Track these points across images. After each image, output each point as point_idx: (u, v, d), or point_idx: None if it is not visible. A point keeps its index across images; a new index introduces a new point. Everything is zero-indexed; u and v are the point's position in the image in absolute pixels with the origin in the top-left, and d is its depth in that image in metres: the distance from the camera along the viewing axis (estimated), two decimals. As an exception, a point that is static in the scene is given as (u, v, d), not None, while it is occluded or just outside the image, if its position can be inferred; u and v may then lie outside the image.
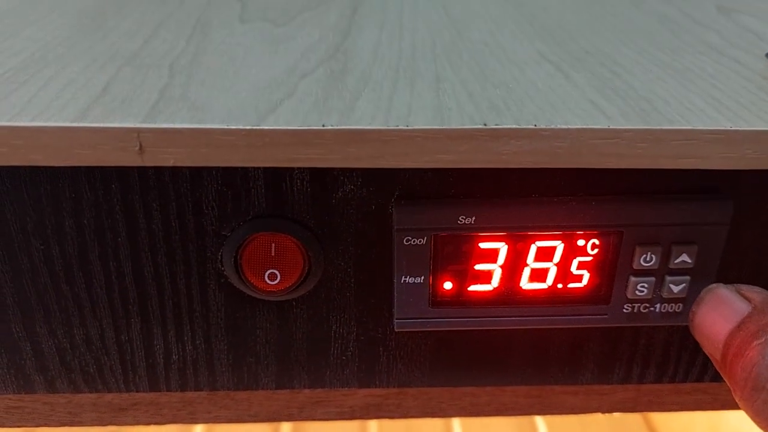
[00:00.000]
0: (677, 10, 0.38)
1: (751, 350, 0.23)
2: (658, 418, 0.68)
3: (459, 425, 0.67)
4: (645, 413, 0.68)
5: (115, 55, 0.29)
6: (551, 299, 0.29)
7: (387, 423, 0.69)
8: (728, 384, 0.25)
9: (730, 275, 0.29)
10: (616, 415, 0.36)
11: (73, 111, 0.24)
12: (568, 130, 0.24)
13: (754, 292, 0.26)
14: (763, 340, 0.23)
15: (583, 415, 0.35)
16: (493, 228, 0.28)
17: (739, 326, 0.25)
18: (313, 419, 0.35)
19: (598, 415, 0.36)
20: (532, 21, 0.36)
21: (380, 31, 0.34)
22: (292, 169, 0.26)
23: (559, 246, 0.28)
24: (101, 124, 0.23)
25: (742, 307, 0.25)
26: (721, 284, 0.27)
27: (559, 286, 0.29)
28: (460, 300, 0.29)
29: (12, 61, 0.28)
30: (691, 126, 0.24)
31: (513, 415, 0.35)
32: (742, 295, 0.26)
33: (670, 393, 0.35)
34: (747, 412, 0.24)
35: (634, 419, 0.68)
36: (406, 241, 0.27)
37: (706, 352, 0.26)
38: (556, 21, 0.36)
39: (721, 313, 0.26)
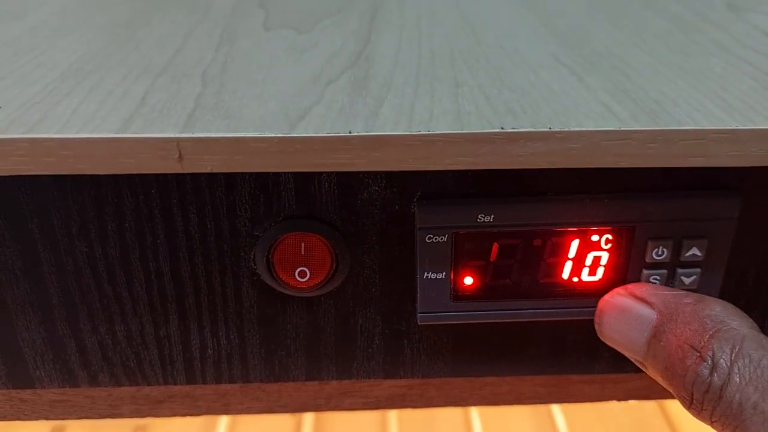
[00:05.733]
0: (689, 10, 0.39)
1: (686, 371, 0.24)
2: (674, 405, 0.69)
3: (477, 414, 0.68)
4: (660, 401, 0.69)
5: (149, 65, 0.31)
6: (567, 292, 0.30)
7: (406, 411, 0.70)
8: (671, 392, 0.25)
9: (739, 267, 0.30)
10: (632, 403, 0.37)
11: (115, 122, 0.25)
12: (581, 132, 0.25)
13: (650, 294, 0.27)
14: (691, 362, 0.24)
15: (599, 403, 0.36)
16: (510, 225, 0.29)
17: (656, 335, 0.26)
18: (340, 409, 0.36)
19: (614, 403, 0.37)
20: (547, 24, 0.37)
21: (399, 37, 0.35)
22: (320, 172, 0.28)
23: (575, 241, 0.29)
24: (143, 135, 0.24)
25: (646, 314, 0.26)
26: (615, 292, 0.28)
27: (575, 279, 0.30)
28: (481, 294, 0.30)
29: (52, 74, 0.30)
30: (699, 126, 0.25)
31: (532, 403, 0.36)
32: (641, 300, 0.27)
33: (683, 381, 0.36)
34: (697, 418, 0.25)
35: (650, 407, 0.69)
36: (428, 239, 0.29)
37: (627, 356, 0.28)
38: (570, 24, 0.37)
39: (628, 324, 0.27)
